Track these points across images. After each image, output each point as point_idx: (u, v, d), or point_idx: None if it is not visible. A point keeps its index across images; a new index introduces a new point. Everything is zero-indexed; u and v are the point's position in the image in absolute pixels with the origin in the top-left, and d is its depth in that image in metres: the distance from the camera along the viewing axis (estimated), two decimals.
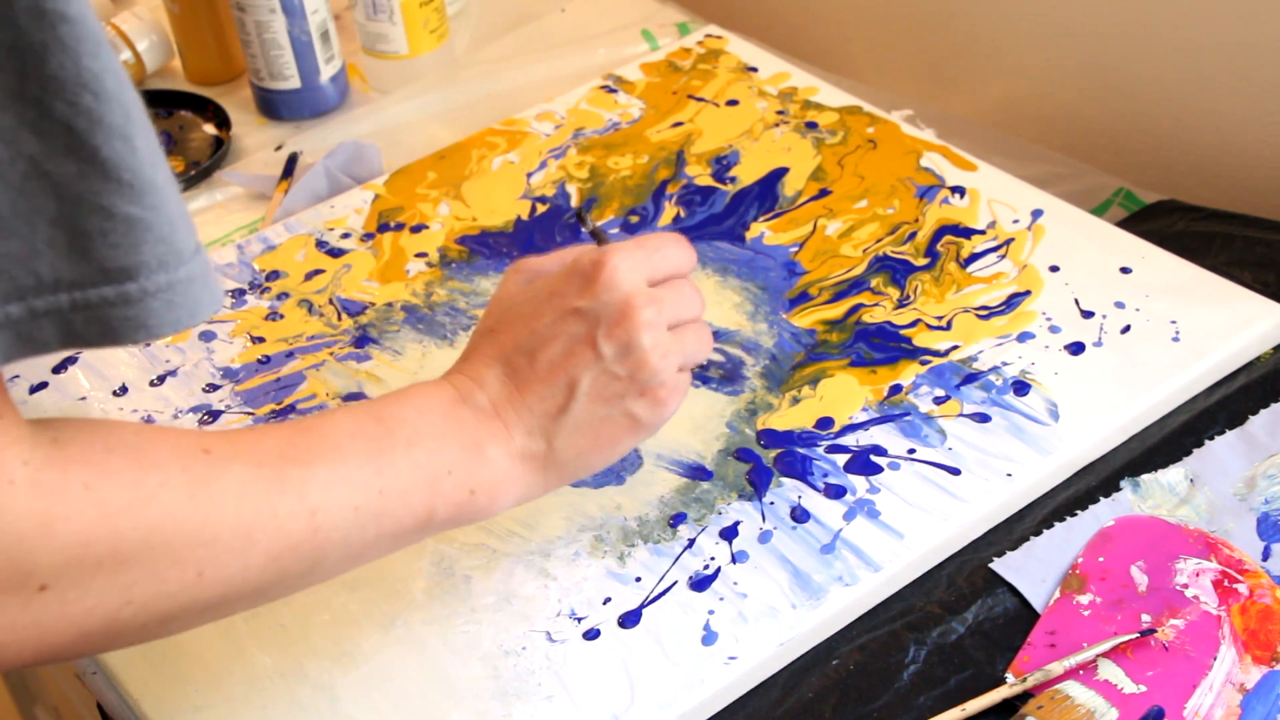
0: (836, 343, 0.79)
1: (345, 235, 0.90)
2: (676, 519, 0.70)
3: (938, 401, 0.74)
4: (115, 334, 0.45)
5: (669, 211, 0.89)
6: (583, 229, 0.63)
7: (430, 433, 0.59)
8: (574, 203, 0.91)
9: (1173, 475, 0.71)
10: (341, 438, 0.56)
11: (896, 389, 0.75)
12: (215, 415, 0.78)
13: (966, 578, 0.67)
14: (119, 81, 0.43)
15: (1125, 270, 0.81)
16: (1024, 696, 0.61)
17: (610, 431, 0.62)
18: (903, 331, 0.79)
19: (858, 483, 0.70)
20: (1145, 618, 0.64)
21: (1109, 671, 0.62)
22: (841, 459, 0.72)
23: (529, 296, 0.63)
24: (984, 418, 0.73)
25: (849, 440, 0.73)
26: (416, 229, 0.90)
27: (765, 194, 0.90)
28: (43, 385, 0.81)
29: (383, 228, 0.91)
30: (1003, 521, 0.70)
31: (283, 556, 0.53)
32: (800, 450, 0.73)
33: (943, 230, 0.85)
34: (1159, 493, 0.70)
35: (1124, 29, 0.96)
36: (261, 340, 0.83)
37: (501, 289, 0.65)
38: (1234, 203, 0.90)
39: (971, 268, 0.83)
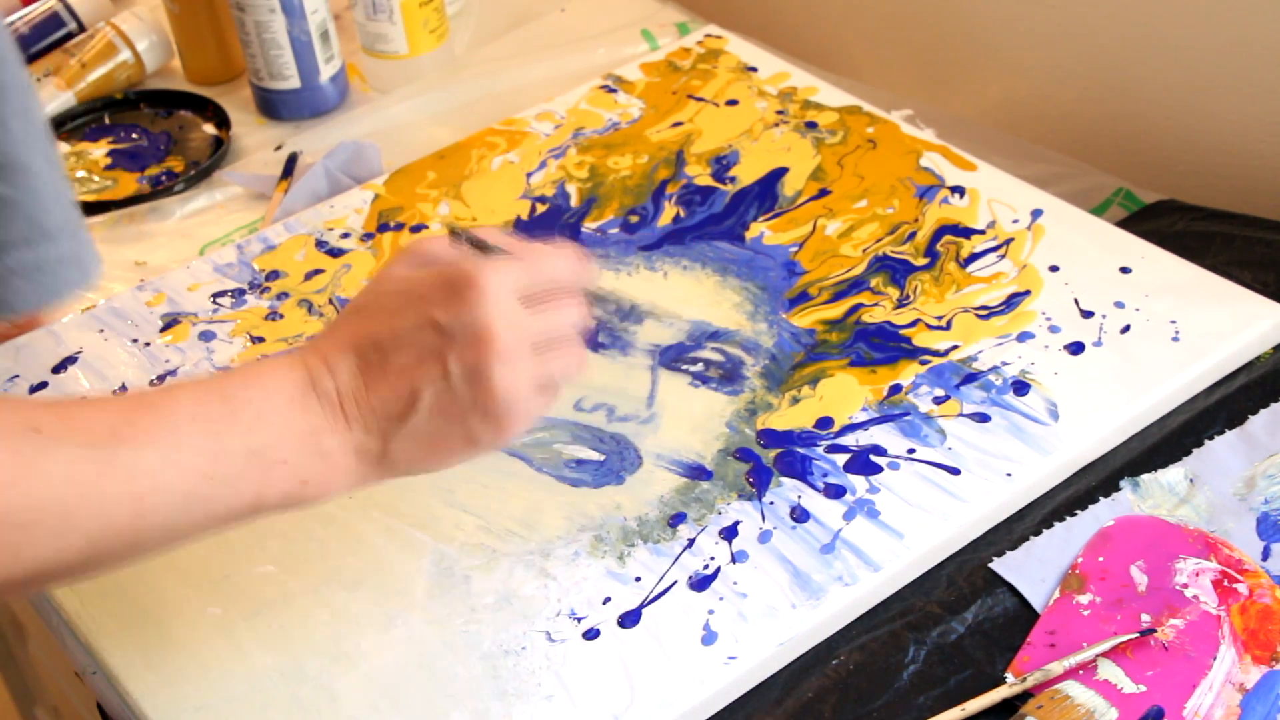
0: (836, 343, 0.79)
1: (345, 235, 0.90)
2: (676, 519, 0.70)
3: (937, 401, 0.74)
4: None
5: (669, 211, 0.90)
6: (456, 242, 0.62)
7: (273, 420, 0.58)
8: (573, 202, 0.91)
9: (1173, 475, 0.71)
10: (181, 419, 0.56)
11: (896, 389, 0.75)
12: None
13: (966, 578, 0.67)
14: None
15: (1125, 270, 0.81)
16: (1024, 696, 0.61)
17: (446, 444, 0.60)
18: (902, 331, 0.79)
19: (858, 483, 0.70)
20: (1145, 618, 0.64)
21: (1109, 671, 0.62)
22: (841, 459, 0.72)
23: (403, 289, 0.61)
24: (984, 418, 0.73)
25: (849, 440, 0.73)
26: (416, 229, 0.90)
27: (765, 194, 0.90)
28: (43, 385, 0.81)
29: (382, 228, 0.91)
30: (1003, 521, 0.70)
31: (102, 539, 0.53)
32: (800, 450, 0.73)
33: (942, 230, 0.85)
34: (1159, 493, 0.70)
35: (1124, 29, 0.96)
36: (261, 340, 0.83)
37: (387, 267, 0.63)
38: (1234, 203, 0.90)
39: (971, 268, 0.83)
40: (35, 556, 0.51)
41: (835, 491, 0.70)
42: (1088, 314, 0.78)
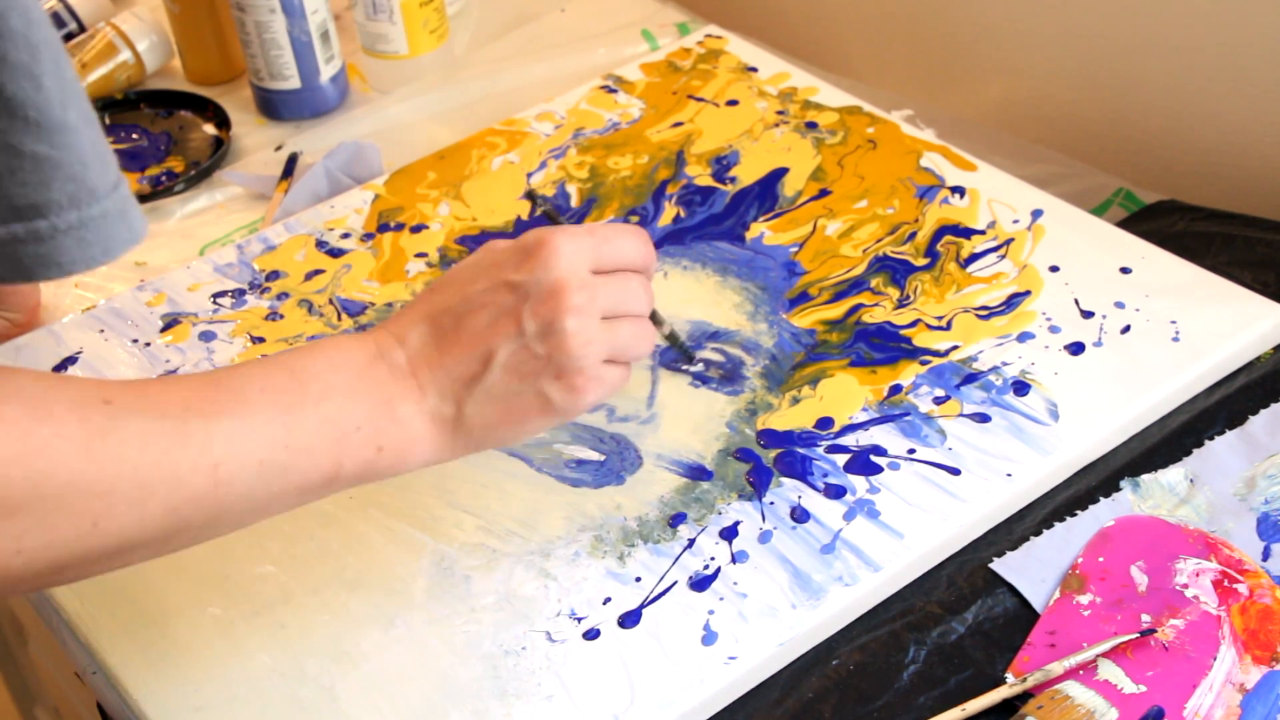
0: (836, 343, 0.79)
1: (345, 235, 0.90)
2: (676, 519, 0.70)
3: (938, 401, 0.74)
4: (27, 271, 0.46)
5: (669, 211, 0.90)
6: (534, 211, 0.64)
7: (342, 388, 0.58)
8: (574, 202, 0.91)
9: (1173, 475, 0.71)
10: (250, 391, 0.56)
11: (896, 389, 0.75)
12: None
13: (966, 578, 0.67)
14: (27, 21, 0.43)
15: (1125, 270, 0.81)
16: (1024, 696, 0.61)
17: (521, 408, 0.61)
18: (903, 331, 0.79)
19: (858, 483, 0.70)
20: (1145, 618, 0.64)
21: (1109, 671, 0.62)
22: (841, 459, 0.72)
23: (475, 261, 0.62)
24: (984, 418, 0.73)
25: (849, 440, 0.73)
26: (416, 229, 0.90)
27: (765, 194, 0.90)
28: None
29: (383, 228, 0.91)
30: (1003, 521, 0.70)
31: (182, 508, 0.53)
32: (800, 450, 0.73)
33: (943, 230, 0.85)
34: (1159, 493, 0.70)
35: (1124, 29, 0.96)
36: (261, 340, 0.83)
37: (465, 259, 0.64)
38: (1234, 203, 0.90)
39: (971, 268, 0.83)
40: (117, 528, 0.51)
41: (835, 492, 0.70)
42: (1088, 314, 0.78)
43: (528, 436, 0.63)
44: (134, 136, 1.05)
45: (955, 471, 0.70)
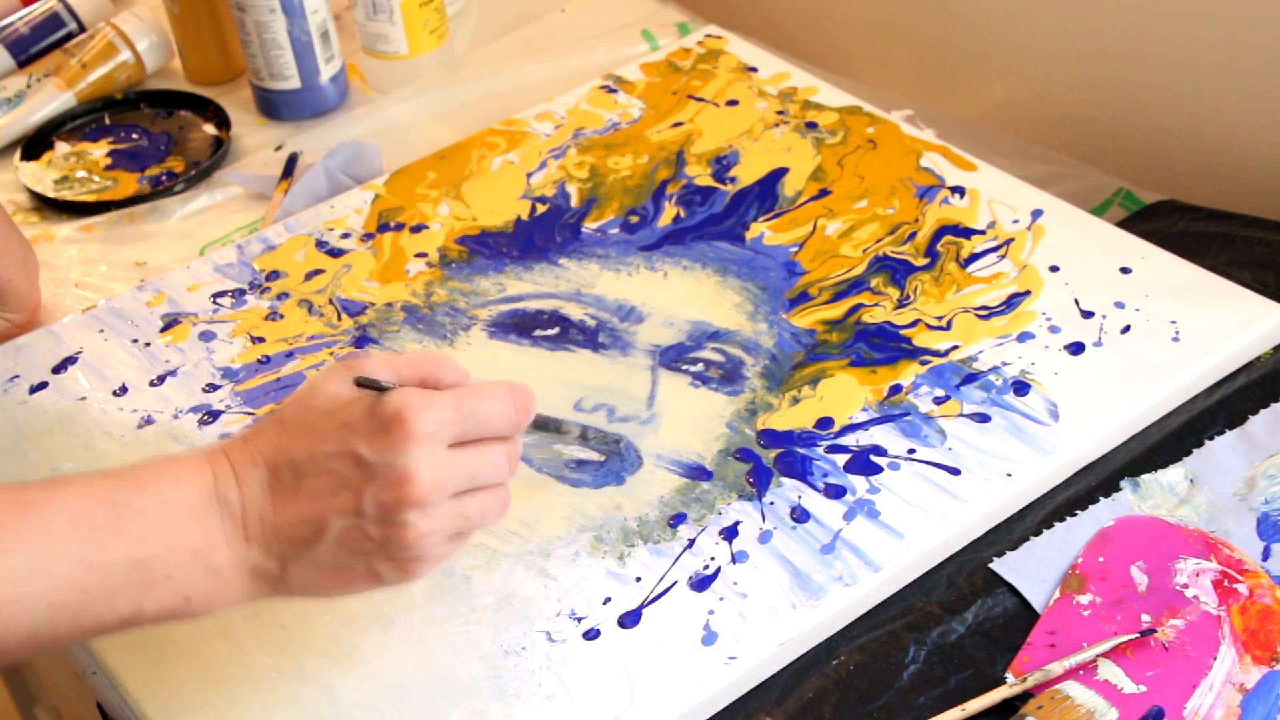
0: (836, 343, 0.79)
1: (345, 235, 0.90)
2: (676, 519, 0.70)
3: (938, 401, 0.74)
4: None
5: (669, 211, 0.89)
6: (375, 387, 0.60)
7: (164, 532, 0.55)
8: (574, 202, 0.91)
9: (1173, 475, 0.71)
10: (59, 524, 0.53)
11: (896, 389, 0.75)
12: (215, 415, 0.78)
13: (966, 578, 0.67)
14: None
15: (1125, 270, 0.81)
16: (1024, 696, 0.61)
17: (349, 578, 0.58)
18: (903, 331, 0.79)
19: (858, 483, 0.70)
20: (1145, 618, 0.64)
21: (1109, 671, 0.62)
22: (841, 459, 0.72)
23: (331, 410, 0.58)
24: (984, 418, 0.73)
25: (849, 440, 0.73)
26: (416, 229, 0.90)
27: (765, 194, 0.90)
28: (43, 385, 0.81)
29: (383, 228, 0.91)
30: (1003, 521, 0.70)
31: None
32: (800, 450, 0.73)
33: (943, 230, 0.85)
34: (1159, 493, 0.70)
35: (1124, 30, 0.96)
36: (261, 340, 0.83)
37: (322, 380, 0.59)
38: (1234, 203, 0.90)
39: (971, 268, 0.83)
40: None
41: (835, 492, 0.70)
42: (1088, 314, 0.78)
43: (350, 595, 0.60)
44: (134, 136, 1.05)
45: (955, 471, 0.70)
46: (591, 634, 0.65)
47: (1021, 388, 0.74)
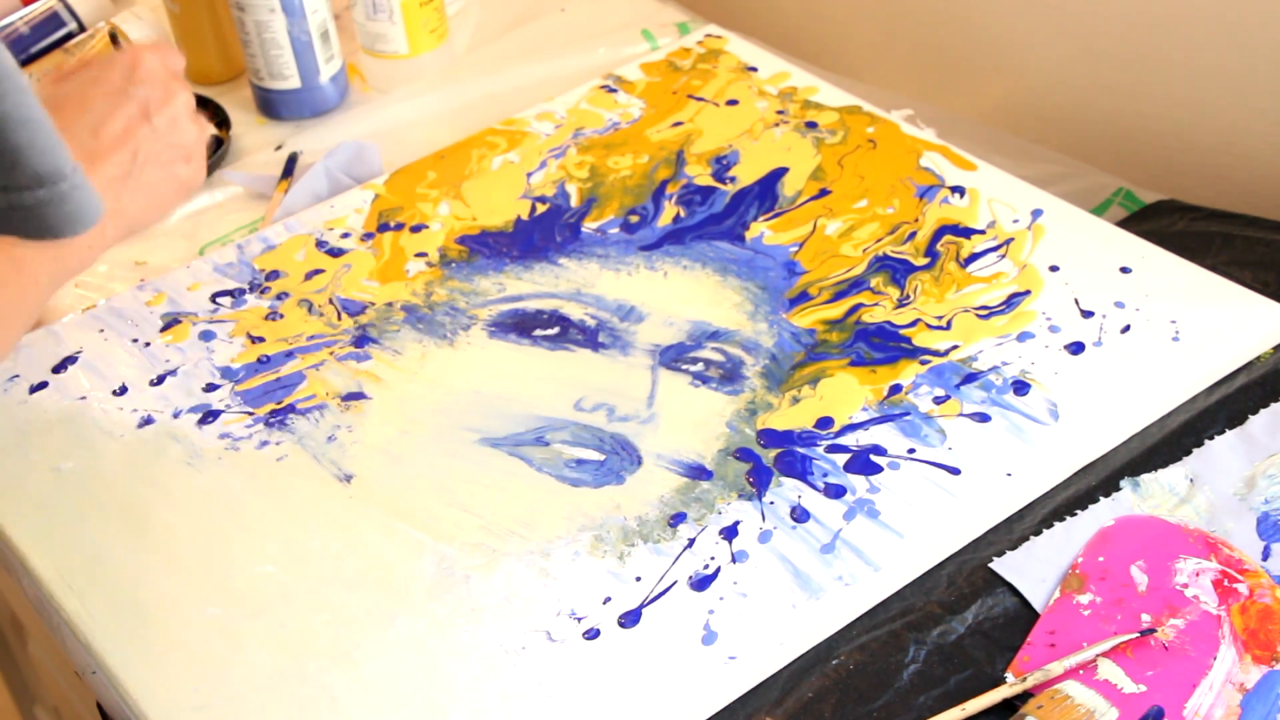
0: (836, 342, 0.79)
1: (345, 235, 0.90)
2: (676, 519, 0.70)
3: (938, 401, 0.74)
4: (55, 228, 0.54)
5: (669, 211, 0.90)
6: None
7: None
8: (574, 202, 0.91)
9: (1173, 475, 0.71)
10: None
11: (896, 389, 0.75)
12: (215, 415, 0.78)
13: (966, 578, 0.67)
14: None
15: (1125, 270, 0.81)
16: (1024, 696, 0.61)
17: (164, 192, 0.73)
18: (903, 331, 0.79)
19: (858, 482, 0.70)
20: (1145, 617, 0.64)
21: (1109, 671, 0.62)
22: (841, 459, 0.72)
23: (68, 91, 0.71)
24: (984, 418, 0.73)
25: (849, 440, 0.73)
26: (416, 229, 0.90)
27: (765, 194, 0.90)
28: (43, 385, 0.81)
29: (383, 227, 0.91)
30: (1003, 521, 0.70)
31: None
32: (800, 450, 0.73)
33: (943, 230, 0.85)
34: (1159, 493, 0.70)
35: (1124, 29, 0.96)
36: (261, 340, 0.83)
37: (67, 81, 0.72)
38: (1234, 203, 0.90)
39: (971, 267, 0.83)
40: None
41: (835, 491, 0.70)
42: (1088, 314, 0.78)
43: (167, 217, 0.76)
44: None
45: (955, 471, 0.70)
46: (591, 634, 0.65)
47: (1021, 387, 0.74)
